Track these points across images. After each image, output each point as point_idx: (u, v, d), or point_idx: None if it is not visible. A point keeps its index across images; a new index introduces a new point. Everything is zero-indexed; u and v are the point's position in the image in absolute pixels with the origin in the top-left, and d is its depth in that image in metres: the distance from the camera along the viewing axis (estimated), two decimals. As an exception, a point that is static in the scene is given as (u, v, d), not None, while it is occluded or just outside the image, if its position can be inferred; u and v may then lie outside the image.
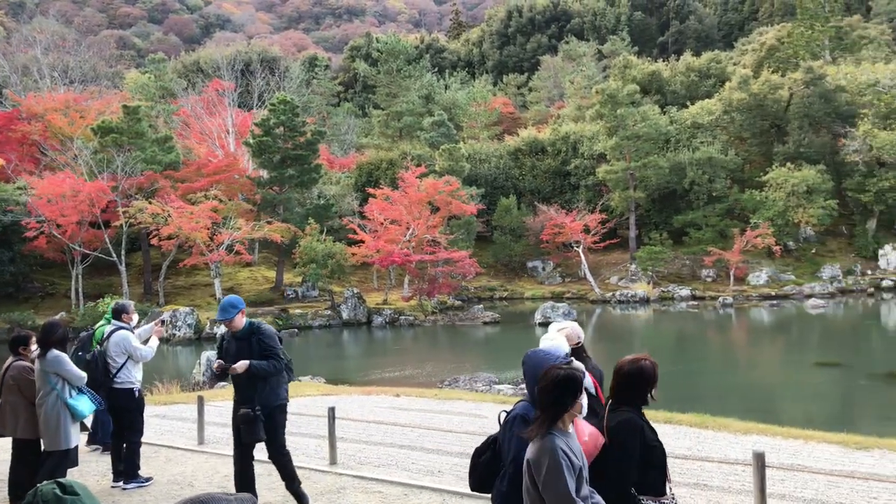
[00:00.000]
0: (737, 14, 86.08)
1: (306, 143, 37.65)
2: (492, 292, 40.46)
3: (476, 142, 51.97)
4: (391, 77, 58.78)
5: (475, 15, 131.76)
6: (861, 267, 38.35)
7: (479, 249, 41.29)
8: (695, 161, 40.78)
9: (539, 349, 4.39)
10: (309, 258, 32.41)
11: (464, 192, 38.26)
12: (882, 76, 41.86)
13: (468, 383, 16.02)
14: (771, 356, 23.10)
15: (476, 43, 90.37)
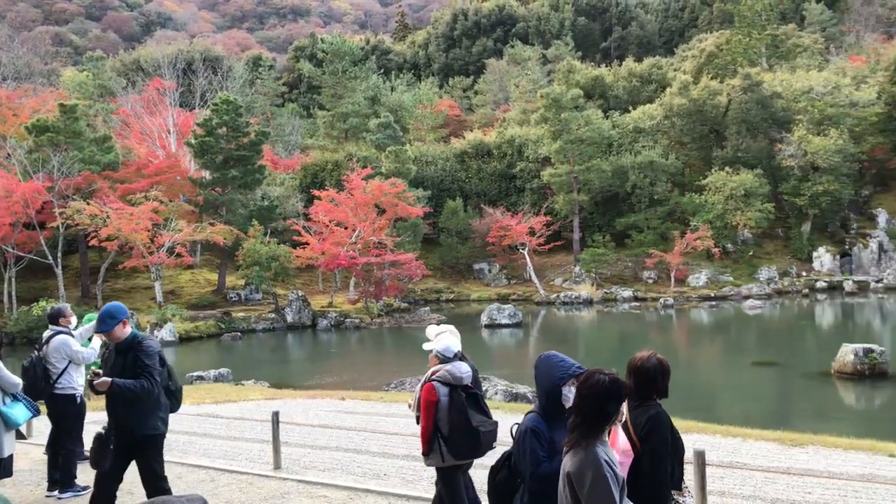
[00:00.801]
0: (677, 21, 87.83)
1: (250, 143, 37.15)
2: (438, 294, 40.51)
3: (422, 144, 51.98)
4: (336, 78, 58.41)
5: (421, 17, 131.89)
6: (796, 269, 39.49)
7: (426, 252, 41.30)
8: (637, 165, 41.48)
9: (551, 354, 4.15)
10: (252, 260, 31.97)
11: (410, 195, 38.23)
12: (815, 83, 43.19)
13: (415, 386, 15.99)
14: (710, 356, 23.61)
15: (422, 45, 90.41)
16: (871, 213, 43.20)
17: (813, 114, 41.25)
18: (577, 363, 4.04)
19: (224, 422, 11.65)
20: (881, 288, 36.45)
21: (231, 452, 9.50)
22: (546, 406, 4.00)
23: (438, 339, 5.79)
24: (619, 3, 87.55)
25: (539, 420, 3.94)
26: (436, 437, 5.44)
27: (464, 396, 5.46)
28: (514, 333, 28.01)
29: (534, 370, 4.08)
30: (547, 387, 3.98)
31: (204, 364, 21.55)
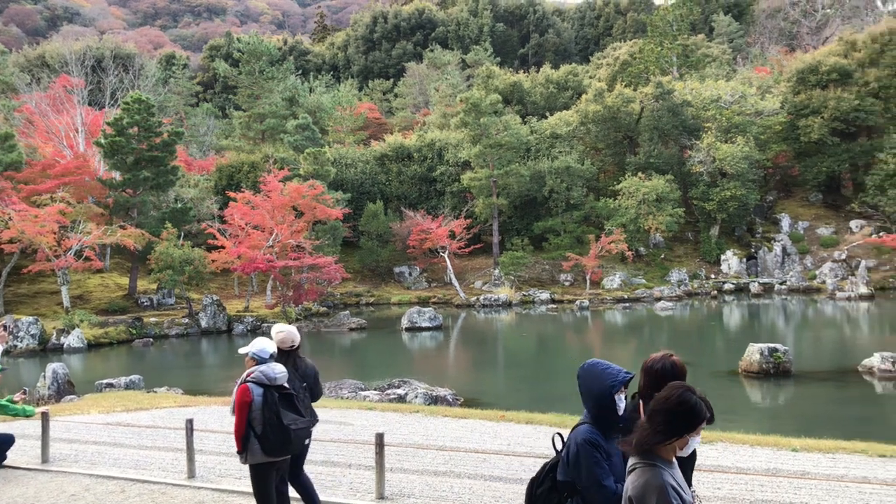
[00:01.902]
0: (593, 29, 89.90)
1: (163, 143, 36.12)
2: (358, 298, 40.24)
3: (342, 146, 51.57)
4: (253, 78, 57.39)
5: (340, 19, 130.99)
6: (705, 271, 40.89)
7: (346, 255, 40.98)
8: (554, 170, 42.22)
9: (596, 361, 4.03)
10: (165, 264, 31.07)
11: (329, 197, 37.87)
12: (723, 93, 44.87)
13: (333, 390, 15.83)
14: (624, 357, 24.19)
15: (341, 47, 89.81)
16: (775, 217, 45.15)
17: (721, 122, 42.84)
18: (623, 369, 3.96)
19: (135, 430, 11.27)
20: (785, 289, 38.10)
21: (143, 462, 9.19)
22: (599, 416, 3.85)
23: (254, 342, 5.99)
24: (537, 11, 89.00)
25: (594, 431, 3.79)
26: (249, 435, 5.65)
27: (277, 396, 5.68)
28: (434, 336, 28.07)
29: (577, 380, 3.92)
30: (597, 395, 3.84)
31: (114, 371, 20.80)
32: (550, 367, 21.14)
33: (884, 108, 44.21)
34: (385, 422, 11.39)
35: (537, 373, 20.42)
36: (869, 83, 44.61)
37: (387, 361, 23.63)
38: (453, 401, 15.06)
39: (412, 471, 8.65)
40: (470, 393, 16.40)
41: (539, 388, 17.76)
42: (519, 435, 10.37)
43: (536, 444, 9.78)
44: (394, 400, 14.72)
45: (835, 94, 44.21)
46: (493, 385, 19.22)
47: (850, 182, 46.27)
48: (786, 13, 76.75)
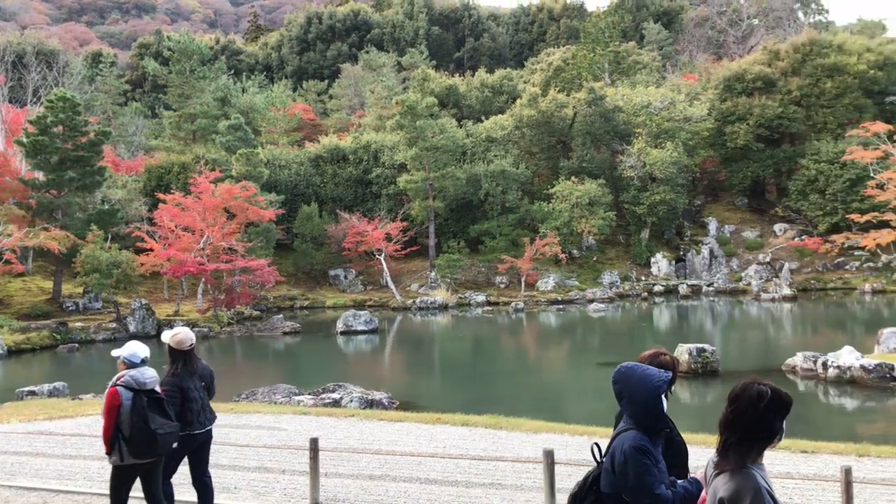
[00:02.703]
0: (527, 34, 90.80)
1: (89, 143, 35.02)
2: (292, 301, 39.74)
3: (275, 147, 50.89)
4: (184, 77, 56.18)
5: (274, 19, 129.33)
6: (636, 273, 41.73)
7: (280, 258, 40.43)
8: (489, 173, 42.52)
9: (634, 364, 3.84)
10: (92, 268, 30.13)
11: (262, 199, 37.32)
12: (653, 99, 45.90)
13: (267, 396, 15.59)
14: (558, 357, 24.50)
15: (275, 47, 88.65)
16: (702, 221, 46.38)
17: (651, 127, 43.81)
18: (660, 370, 3.82)
19: (59, 439, 10.88)
20: (712, 291, 39.16)
21: (67, 472, 8.88)
22: (645, 421, 3.66)
23: (126, 346, 6.24)
24: (472, 15, 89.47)
25: (642, 436, 3.61)
26: (117, 438, 5.83)
27: (146, 401, 5.87)
28: (370, 340, 27.93)
29: (615, 385, 3.75)
30: (644, 400, 3.65)
31: (36, 378, 20.06)
32: (486, 369, 21.26)
33: (805, 115, 45.88)
34: (320, 426, 11.27)
35: (473, 375, 20.50)
36: (791, 91, 46.25)
37: (321, 366, 23.40)
38: (389, 404, 15.00)
39: (347, 475, 8.58)
40: (406, 396, 16.36)
41: (475, 390, 17.84)
42: (455, 437, 10.38)
43: (472, 446, 9.81)
44: (328, 404, 14.58)
45: (759, 102, 45.69)
46: (429, 388, 19.22)
47: (774, 187, 47.85)
48: (713, 22, 79.00)
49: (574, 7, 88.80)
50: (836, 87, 45.06)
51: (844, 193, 40.59)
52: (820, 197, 41.94)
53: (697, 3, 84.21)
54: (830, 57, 46.02)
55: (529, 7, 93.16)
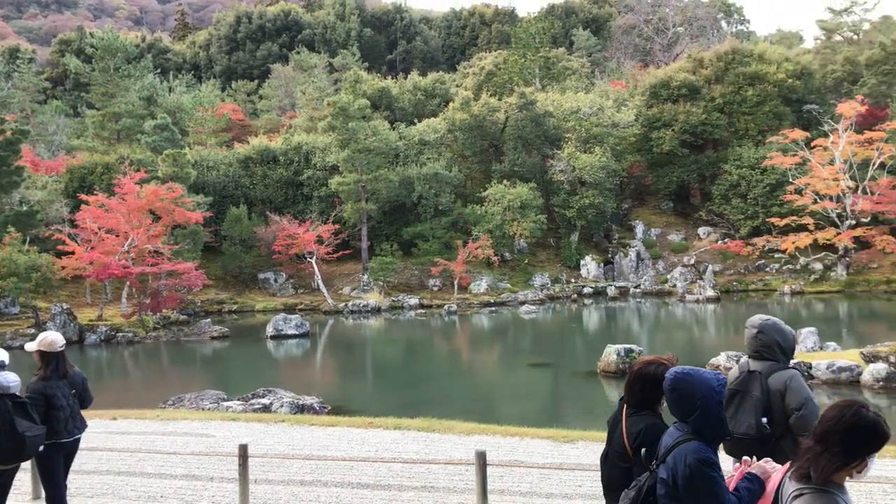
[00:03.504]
0: (459, 38, 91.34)
1: (6, 142, 33.65)
2: (221, 305, 38.97)
3: (203, 148, 49.84)
4: (108, 76, 54.55)
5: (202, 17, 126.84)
6: (566, 275, 42.34)
7: (208, 261, 39.62)
8: (422, 176, 42.55)
9: (689, 369, 3.62)
10: (8, 271, 28.94)
11: (190, 200, 36.51)
12: (583, 105, 46.69)
13: (194, 402, 15.25)
14: (490, 359, 24.67)
15: (203, 46, 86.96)
16: (630, 224, 47.39)
17: (580, 132, 44.56)
18: (712, 372, 3.68)
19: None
20: (639, 293, 40.03)
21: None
22: (706, 428, 3.51)
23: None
24: (404, 18, 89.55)
25: (706, 448, 3.46)
26: None
27: (10, 405, 5.82)
28: (301, 344, 27.60)
29: (672, 392, 3.58)
30: (704, 405, 3.49)
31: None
32: (419, 372, 21.26)
33: (728, 122, 47.33)
34: (249, 432, 11.08)
35: (406, 378, 20.47)
36: (715, 99, 47.66)
37: (251, 371, 23.02)
38: (320, 409, 14.85)
39: (277, 481, 8.46)
40: (338, 400, 16.23)
41: (408, 394, 17.82)
42: (387, 441, 10.35)
43: (404, 450, 9.79)
44: (258, 410, 14.35)
45: (684, 109, 46.95)
46: (362, 392, 19.11)
47: (699, 191, 49.22)
48: (640, 30, 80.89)
49: (505, 12, 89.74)
50: (756, 95, 46.63)
51: (765, 198, 42.02)
52: (742, 201, 43.33)
53: (625, 11, 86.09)
54: (752, 66, 47.62)
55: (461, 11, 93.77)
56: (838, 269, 38.27)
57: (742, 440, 4.83)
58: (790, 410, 4.81)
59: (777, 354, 4.95)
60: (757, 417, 4.81)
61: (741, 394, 4.92)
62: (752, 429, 4.81)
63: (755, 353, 5.02)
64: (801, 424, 4.76)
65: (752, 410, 4.85)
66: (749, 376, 4.96)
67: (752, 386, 4.91)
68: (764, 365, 4.94)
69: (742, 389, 4.93)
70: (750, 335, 5.08)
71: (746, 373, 4.98)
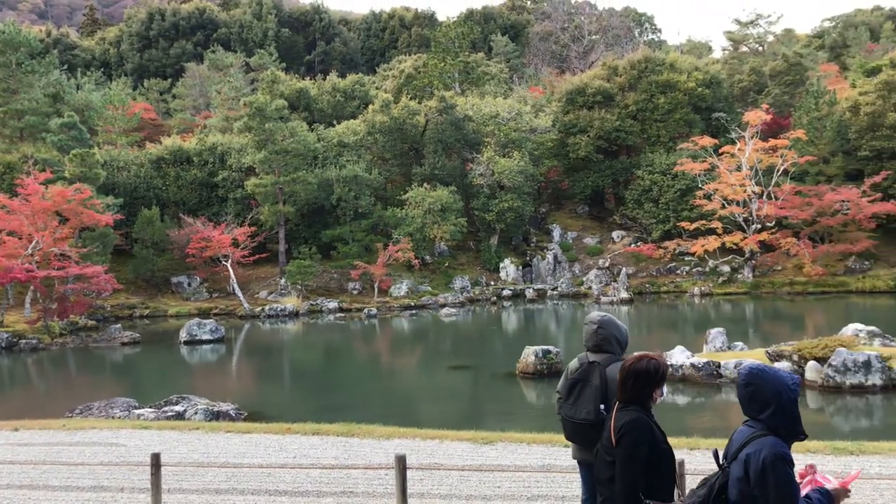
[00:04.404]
0: (379, 41, 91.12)
1: None
2: (132, 310, 37.72)
3: (113, 148, 48.20)
4: (10, 71, 52.09)
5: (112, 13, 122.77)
6: (486, 278, 42.72)
7: (118, 264, 38.31)
8: (341, 178, 42.21)
9: (763, 366, 3.58)
10: None
11: (99, 202, 35.22)
12: (501, 109, 47.25)
13: (104, 410, 14.70)
14: (410, 362, 24.65)
15: (113, 43, 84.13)
16: (547, 228, 48.20)
17: (499, 137, 45.08)
18: (790, 372, 3.67)
19: None
20: (556, 295, 40.74)
21: None
22: (782, 425, 3.46)
23: None
24: (323, 19, 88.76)
25: (782, 443, 3.39)
26: None
27: None
28: (216, 349, 26.96)
29: (747, 387, 3.52)
30: (779, 402, 3.44)
31: None
32: (338, 377, 21.06)
33: (641, 129, 48.70)
34: (162, 441, 10.75)
35: (325, 383, 20.25)
36: (628, 106, 48.96)
37: (164, 377, 22.37)
38: (236, 415, 14.54)
39: (192, 490, 8.23)
40: (254, 407, 15.93)
41: (327, 398, 17.62)
42: (306, 447, 10.21)
43: (323, 455, 9.68)
44: (171, 417, 13.94)
45: (599, 115, 48.06)
46: (279, 397, 18.81)
47: (613, 196, 50.44)
48: (557, 37, 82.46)
49: (425, 16, 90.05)
50: (668, 103, 48.13)
51: (675, 203, 43.37)
52: (654, 206, 44.62)
53: (542, 19, 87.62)
54: (663, 74, 49.13)
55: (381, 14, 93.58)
56: (745, 272, 39.83)
57: (582, 425, 5.13)
58: None
59: (614, 347, 5.32)
60: (595, 404, 5.08)
61: (581, 382, 5.21)
62: (591, 414, 5.07)
63: (595, 346, 5.35)
64: None
65: (591, 398, 5.12)
66: (589, 367, 5.26)
67: (591, 375, 5.20)
68: (602, 356, 5.28)
69: (582, 378, 5.23)
70: (590, 330, 5.39)
71: (587, 363, 5.29)
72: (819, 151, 42.02)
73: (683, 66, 50.49)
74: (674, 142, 46.63)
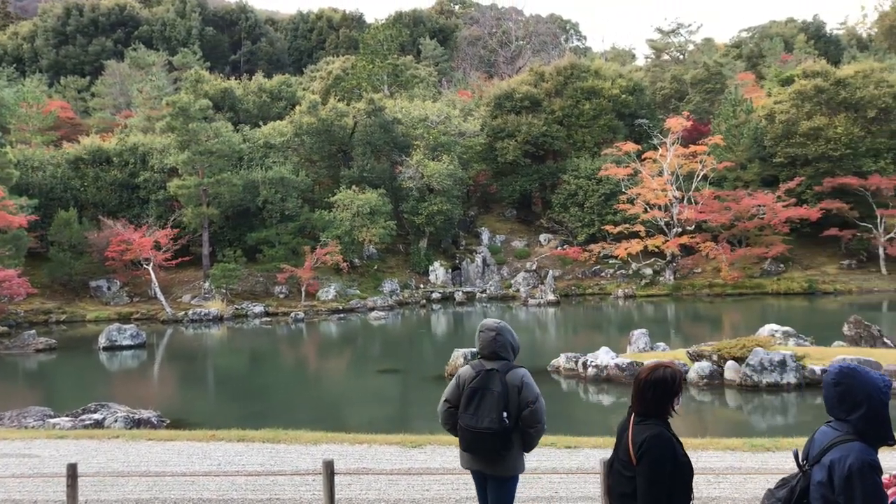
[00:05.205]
0: (306, 41, 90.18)
1: None
2: (47, 315, 36.28)
3: (28, 147, 46.36)
4: (-85, 65, 49.69)
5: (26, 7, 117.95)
6: (415, 281, 42.72)
7: (33, 268, 36.83)
8: (268, 180, 41.58)
9: (856, 366, 3.39)
10: None
11: (11, 203, 33.83)
12: (430, 113, 47.36)
13: (16, 420, 14.10)
14: (338, 366, 24.45)
15: (27, 38, 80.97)
16: (476, 231, 48.53)
17: (428, 140, 45.16)
18: (881, 373, 3.46)
19: None
20: (485, 298, 41.06)
21: None
22: (871, 430, 3.29)
23: None
24: (249, 18, 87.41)
25: (870, 450, 3.22)
26: None
27: None
28: (137, 355, 26.19)
29: (836, 386, 3.35)
30: (870, 404, 3.27)
31: None
32: (264, 382, 20.73)
33: (567, 134, 49.53)
34: (79, 450, 10.38)
35: (251, 389, 19.90)
36: (555, 111, 49.72)
37: (82, 385, 21.61)
38: (158, 423, 14.16)
39: (111, 501, 7.98)
40: (178, 413, 15.54)
41: (253, 405, 17.33)
42: (231, 454, 10.00)
43: (249, 462, 9.51)
44: (89, 426, 13.47)
45: (526, 120, 48.66)
46: (203, 404, 18.40)
47: (540, 200, 51.12)
48: (485, 42, 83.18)
49: (353, 17, 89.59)
50: (593, 109, 49.09)
51: (600, 207, 44.24)
52: (579, 210, 45.41)
53: (470, 23, 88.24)
54: (588, 81, 50.09)
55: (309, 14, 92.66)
56: (666, 274, 40.90)
57: (484, 434, 5.09)
58: (525, 404, 5.17)
59: (510, 354, 5.36)
60: (499, 412, 5.07)
61: (482, 391, 5.17)
62: (494, 423, 5.06)
63: (492, 353, 5.34)
64: (533, 417, 5.15)
65: (493, 406, 5.10)
66: (487, 374, 5.23)
67: (492, 383, 5.18)
68: (500, 364, 5.28)
69: (482, 387, 5.18)
70: (488, 338, 5.38)
71: (484, 371, 5.26)
72: (737, 157, 43.54)
73: (608, 74, 51.57)
74: (598, 147, 47.55)
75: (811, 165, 41.26)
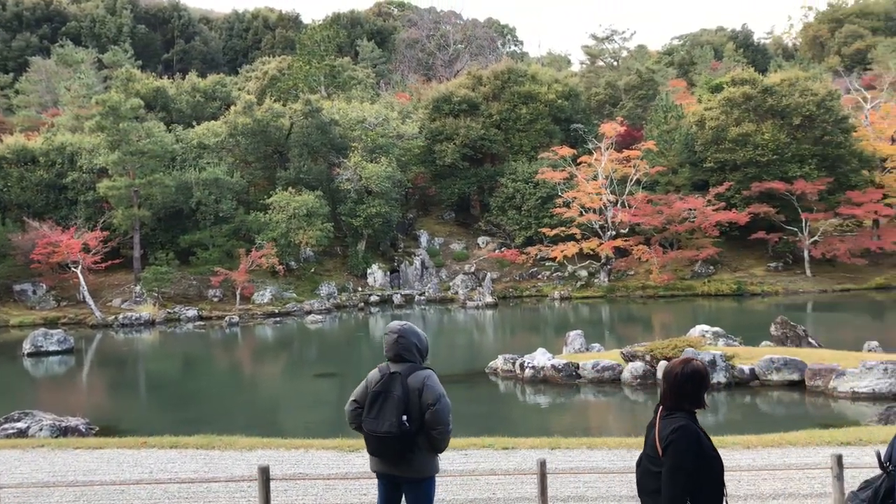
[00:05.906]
0: (241, 41, 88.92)
1: None
2: (-33, 321, 34.90)
3: (-53, 146, 44.53)
4: None
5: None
6: (353, 284, 42.45)
7: (-49, 271, 35.38)
8: (201, 181, 40.79)
9: None
10: None
11: (-71, 204, 32.44)
12: (368, 115, 47.16)
13: (-67, 430, 13.49)
14: (274, 371, 24.13)
15: (-53, 32, 77.82)
16: (415, 234, 48.50)
17: (366, 142, 44.96)
18: None
19: None
20: (424, 300, 41.06)
21: None
22: None
23: None
24: (182, 16, 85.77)
25: None
26: None
27: None
28: (64, 361, 25.37)
29: None
30: None
31: None
32: (198, 388, 20.33)
33: (504, 138, 49.92)
34: (2, 461, 9.99)
35: (184, 394, 19.49)
36: (492, 115, 50.08)
37: (4, 392, 20.82)
38: (87, 430, 13.74)
39: (35, 514, 7.69)
40: (107, 421, 15.12)
41: (186, 411, 16.98)
42: (163, 461, 9.77)
43: (182, 469, 9.30)
44: (13, 435, 12.99)
45: (465, 123, 48.88)
46: (134, 411, 17.94)
47: (478, 203, 51.38)
48: (423, 45, 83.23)
49: (290, 17, 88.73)
50: (530, 113, 49.61)
51: (537, 210, 44.71)
52: (517, 213, 45.82)
53: (409, 26, 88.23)
54: (525, 85, 50.61)
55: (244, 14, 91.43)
56: (601, 276, 41.59)
57: (385, 438, 5.10)
58: (426, 406, 5.14)
59: (415, 356, 5.31)
60: (398, 415, 5.06)
61: (384, 394, 5.16)
62: (393, 427, 5.05)
63: (396, 356, 5.31)
64: (436, 419, 5.12)
65: (393, 409, 5.09)
66: (391, 378, 5.22)
67: (393, 386, 5.17)
68: (404, 366, 5.26)
69: (384, 390, 5.18)
70: (391, 340, 5.35)
71: (388, 374, 5.26)
72: (669, 162, 44.55)
73: (544, 79, 52.18)
74: (535, 151, 48.04)
75: (740, 170, 42.45)
